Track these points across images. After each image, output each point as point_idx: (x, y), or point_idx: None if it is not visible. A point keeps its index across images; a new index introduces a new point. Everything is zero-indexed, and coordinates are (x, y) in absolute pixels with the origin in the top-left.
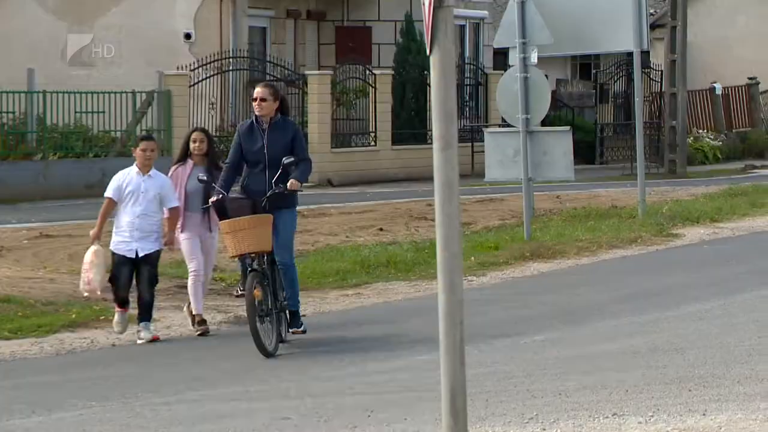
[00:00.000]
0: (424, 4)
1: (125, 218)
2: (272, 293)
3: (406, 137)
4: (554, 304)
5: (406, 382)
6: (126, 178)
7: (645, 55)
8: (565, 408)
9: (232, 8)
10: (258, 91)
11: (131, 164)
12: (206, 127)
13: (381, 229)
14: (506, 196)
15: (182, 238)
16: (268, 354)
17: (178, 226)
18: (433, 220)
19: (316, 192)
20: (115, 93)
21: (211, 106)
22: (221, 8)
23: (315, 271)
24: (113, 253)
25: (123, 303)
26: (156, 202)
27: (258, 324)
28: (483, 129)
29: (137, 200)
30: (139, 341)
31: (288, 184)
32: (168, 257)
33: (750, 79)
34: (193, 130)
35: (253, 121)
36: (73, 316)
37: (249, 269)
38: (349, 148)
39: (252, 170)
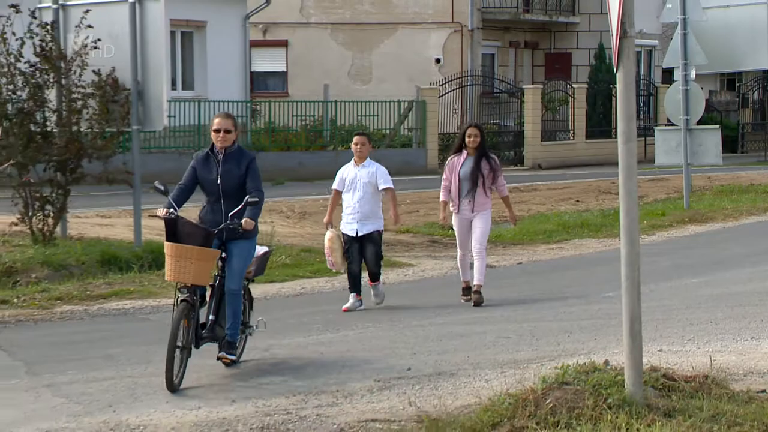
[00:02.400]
0: (612, 36)
1: (348, 203)
2: (197, 327)
3: (597, 133)
4: (707, 256)
5: (595, 312)
6: (345, 171)
7: None
8: (714, 332)
9: (470, 41)
10: (220, 122)
11: (397, 155)
12: (449, 128)
13: (577, 201)
14: (670, 177)
15: (454, 220)
16: (172, 388)
17: (450, 206)
18: (617, 193)
19: (529, 173)
20: (385, 102)
21: (454, 111)
22: (462, 41)
23: (528, 231)
24: (342, 234)
25: (354, 286)
26: (371, 186)
27: (176, 355)
28: (654, 127)
29: (356, 187)
30: (374, 300)
31: (243, 222)
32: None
33: None
34: (469, 126)
35: (208, 150)
36: None
37: (180, 300)
38: (554, 141)
39: (208, 200)
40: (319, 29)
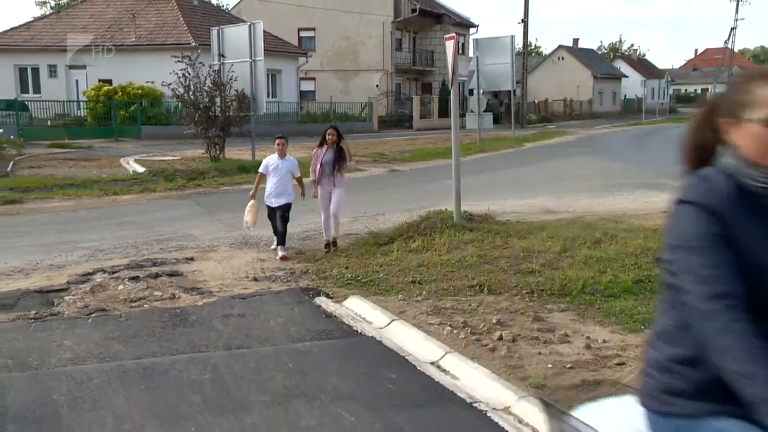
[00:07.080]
0: (449, 74)
1: (270, 184)
2: None
3: (442, 115)
4: (488, 166)
5: (443, 188)
6: (270, 161)
7: (513, 91)
8: (490, 197)
9: (391, 77)
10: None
11: (360, 125)
12: (383, 114)
13: (435, 143)
14: (472, 134)
15: (318, 192)
16: None
17: (316, 181)
18: (450, 140)
19: (415, 132)
20: (356, 103)
21: (385, 108)
22: (387, 77)
23: (414, 156)
24: (267, 205)
25: (280, 239)
26: (288, 175)
27: None
28: (466, 113)
29: (276, 173)
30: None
31: None
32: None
33: (546, 99)
34: (329, 127)
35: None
36: None
37: None
38: (426, 119)
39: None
40: (329, 72)
